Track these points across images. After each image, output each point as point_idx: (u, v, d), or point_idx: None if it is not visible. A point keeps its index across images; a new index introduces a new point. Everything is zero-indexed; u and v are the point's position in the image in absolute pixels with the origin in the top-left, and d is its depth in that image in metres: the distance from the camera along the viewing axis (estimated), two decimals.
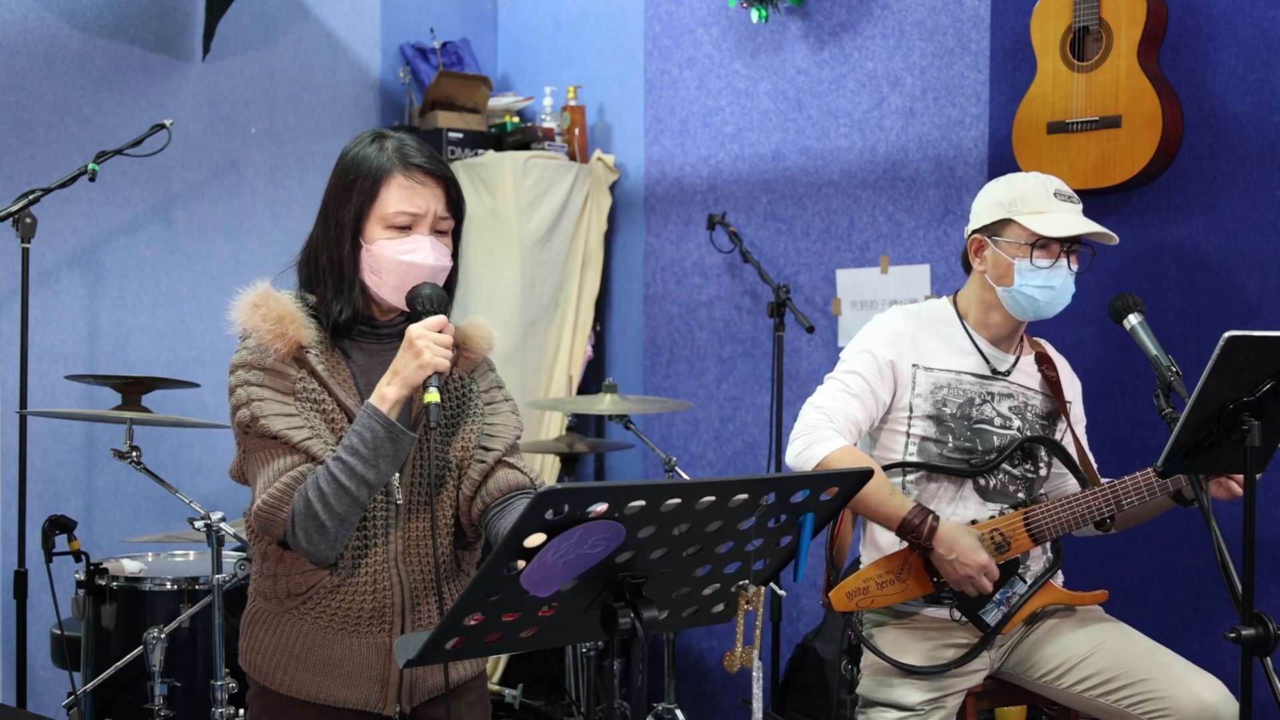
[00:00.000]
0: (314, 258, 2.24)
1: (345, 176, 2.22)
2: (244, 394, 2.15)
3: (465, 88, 4.86)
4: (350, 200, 2.19)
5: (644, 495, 1.70)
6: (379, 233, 2.18)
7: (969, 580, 2.79)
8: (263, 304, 2.19)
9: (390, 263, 2.17)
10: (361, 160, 2.21)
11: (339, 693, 2.20)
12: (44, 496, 4.03)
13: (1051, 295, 2.87)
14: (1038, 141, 3.61)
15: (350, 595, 2.19)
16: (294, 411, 2.15)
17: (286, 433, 2.12)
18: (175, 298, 4.36)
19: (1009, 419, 2.95)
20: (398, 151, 2.20)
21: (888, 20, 4.15)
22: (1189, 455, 2.22)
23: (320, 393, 2.18)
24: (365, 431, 2.09)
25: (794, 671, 4.06)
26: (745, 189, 4.50)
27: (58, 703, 3.66)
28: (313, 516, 2.08)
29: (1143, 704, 2.74)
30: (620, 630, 1.79)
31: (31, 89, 4.07)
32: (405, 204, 2.18)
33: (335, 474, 2.08)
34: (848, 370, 2.91)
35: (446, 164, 2.26)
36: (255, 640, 2.25)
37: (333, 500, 2.07)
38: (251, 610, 2.28)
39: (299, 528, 2.09)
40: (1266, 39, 3.41)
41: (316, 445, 2.13)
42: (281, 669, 2.22)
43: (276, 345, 2.15)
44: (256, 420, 2.13)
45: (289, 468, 2.13)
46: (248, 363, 2.17)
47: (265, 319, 2.16)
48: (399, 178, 2.18)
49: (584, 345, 4.80)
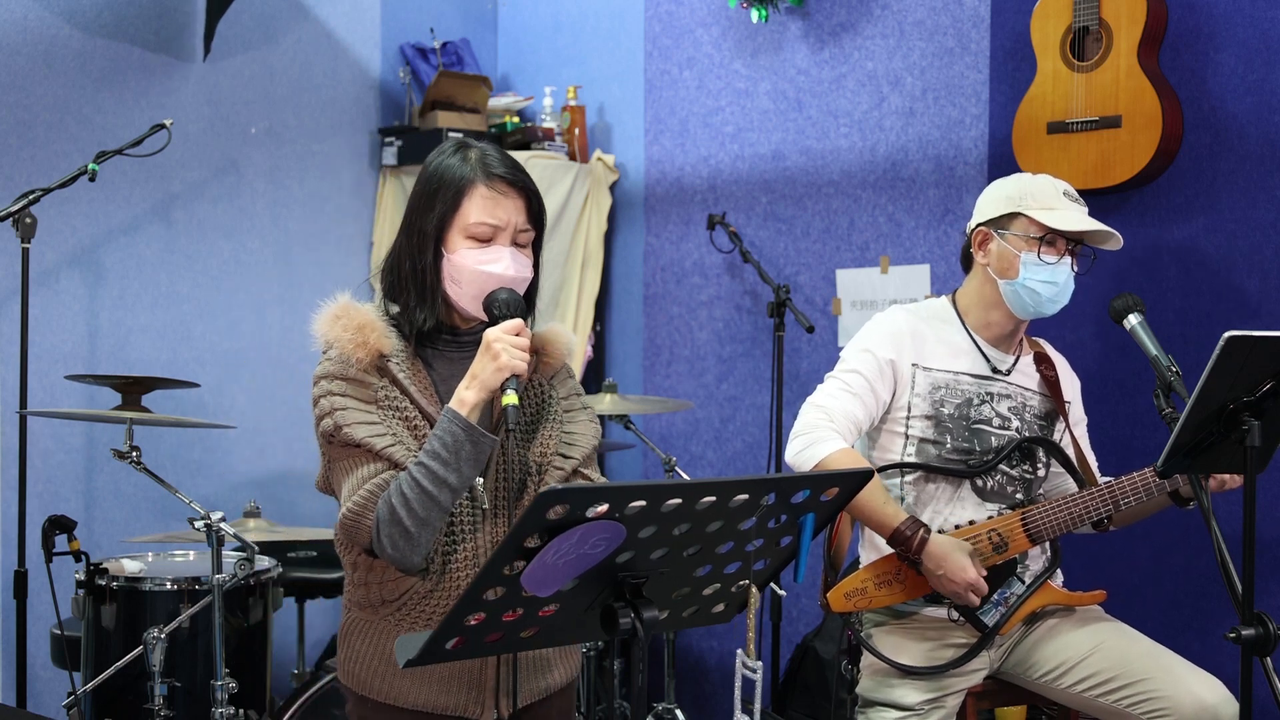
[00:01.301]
0: (397, 266, 2.25)
1: (428, 186, 2.23)
2: (327, 404, 2.16)
3: (465, 88, 4.86)
4: (433, 210, 2.20)
5: (644, 495, 1.70)
6: (460, 243, 2.20)
7: (955, 595, 2.80)
8: (343, 315, 2.20)
9: (471, 273, 2.19)
10: (445, 170, 2.22)
11: (437, 698, 2.20)
12: (44, 496, 4.03)
13: (1054, 291, 2.88)
14: (1038, 141, 3.61)
15: (443, 599, 2.19)
16: (377, 419, 2.15)
17: (370, 440, 2.13)
18: (175, 298, 4.36)
19: (1007, 419, 2.95)
20: (480, 162, 2.22)
21: (888, 20, 4.15)
22: (1189, 455, 2.22)
23: (402, 400, 2.19)
24: (445, 435, 2.10)
25: (794, 671, 4.06)
26: (745, 189, 4.50)
27: (58, 703, 3.66)
28: (397, 522, 2.09)
29: (1142, 704, 2.74)
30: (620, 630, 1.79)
31: (31, 89, 4.07)
32: (487, 215, 2.19)
33: (418, 479, 2.09)
34: (848, 369, 2.92)
35: (529, 176, 2.27)
36: (353, 650, 2.25)
37: (416, 505, 2.08)
38: (347, 621, 2.28)
39: (384, 534, 2.10)
40: (1266, 39, 3.41)
41: (399, 452, 2.14)
42: (380, 677, 2.22)
43: (358, 355, 2.16)
44: (340, 429, 2.13)
45: (372, 475, 2.13)
46: (330, 373, 2.18)
47: (346, 329, 2.18)
48: (481, 188, 2.20)
49: (584, 345, 4.80)
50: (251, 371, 4.45)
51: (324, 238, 4.65)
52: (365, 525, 2.11)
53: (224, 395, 4.38)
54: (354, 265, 4.74)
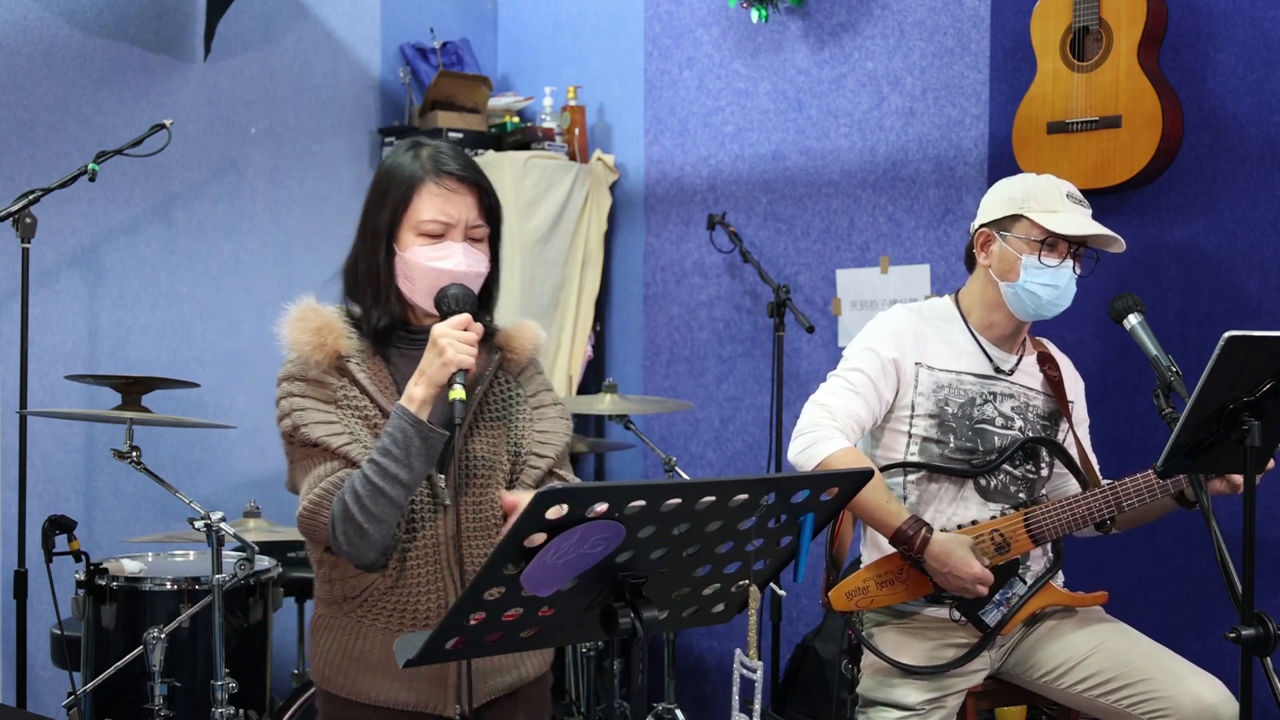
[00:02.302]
0: (354, 266, 2.28)
1: (380, 185, 2.25)
2: (287, 405, 2.20)
3: (465, 88, 4.86)
4: (384, 208, 2.22)
5: (644, 495, 1.70)
6: (412, 240, 2.21)
7: (963, 590, 2.80)
8: (305, 317, 2.23)
9: (423, 269, 2.21)
10: (396, 168, 2.23)
11: (399, 694, 2.21)
12: (44, 496, 4.03)
13: (1055, 294, 2.87)
14: (1038, 141, 3.61)
15: (405, 595, 2.20)
16: (334, 419, 2.18)
17: (326, 439, 2.16)
18: (175, 298, 4.36)
19: (1010, 419, 2.95)
20: (431, 159, 2.23)
21: (888, 20, 4.15)
22: (1189, 455, 2.22)
23: (362, 399, 2.21)
24: (396, 432, 2.12)
25: (794, 671, 4.06)
26: (745, 189, 4.50)
27: (58, 703, 3.66)
28: (350, 519, 2.11)
29: (1143, 704, 2.74)
30: (620, 630, 1.79)
31: (31, 89, 4.07)
32: (437, 212, 2.21)
33: (370, 476, 2.11)
34: (851, 368, 2.92)
35: (481, 172, 2.28)
36: (319, 646, 2.27)
37: (369, 502, 2.10)
38: (315, 617, 2.30)
39: (339, 531, 2.12)
40: (1266, 39, 3.41)
41: (355, 450, 2.16)
42: (344, 673, 2.23)
43: (316, 356, 2.19)
44: (298, 429, 2.17)
45: (328, 473, 2.15)
46: (290, 374, 2.22)
47: (306, 331, 2.21)
48: (431, 185, 2.21)
49: (584, 345, 4.80)
50: (251, 371, 4.45)
51: (324, 238, 4.65)
52: (321, 523, 2.13)
53: (224, 395, 4.38)
54: None
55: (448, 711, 2.22)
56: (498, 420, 2.30)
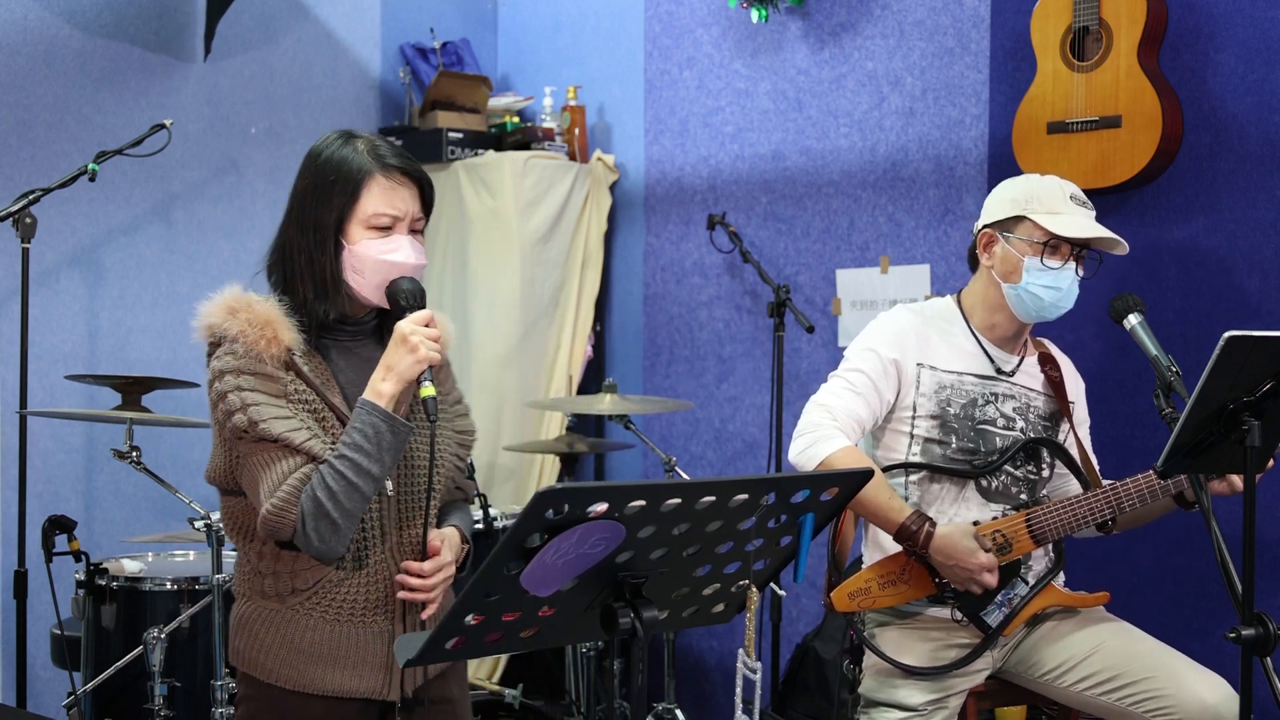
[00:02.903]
0: (289, 259, 2.25)
1: (322, 177, 2.23)
2: (237, 399, 2.15)
3: (465, 88, 4.86)
4: (330, 202, 2.21)
5: (644, 495, 1.70)
6: (361, 234, 2.21)
7: (971, 581, 2.79)
8: (243, 308, 2.19)
9: (374, 262, 2.21)
10: (340, 162, 2.22)
11: (346, 683, 2.22)
12: (44, 496, 4.03)
13: (1057, 296, 2.87)
14: (1038, 141, 3.61)
15: (355, 587, 2.22)
16: (290, 414, 2.16)
17: (288, 435, 2.14)
18: (175, 298, 4.36)
19: (1012, 420, 2.95)
20: (373, 153, 2.23)
21: (888, 20, 4.15)
22: (1189, 455, 2.22)
23: (309, 393, 2.20)
24: (367, 428, 2.13)
25: (794, 672, 4.06)
26: (745, 189, 4.50)
27: (58, 703, 3.66)
28: (323, 515, 2.11)
29: (1144, 703, 2.74)
30: (620, 630, 1.79)
31: (31, 89, 4.07)
32: (386, 206, 2.22)
33: (344, 471, 2.11)
34: (852, 368, 2.91)
35: (419, 164, 2.30)
36: (256, 639, 2.25)
37: (343, 498, 2.11)
38: (248, 611, 2.28)
39: (310, 528, 2.12)
40: (1266, 39, 3.41)
41: (317, 446, 2.15)
42: (289, 665, 2.23)
43: (272, 350, 2.16)
44: (255, 425, 2.13)
45: (292, 470, 2.14)
46: (237, 368, 2.17)
47: (251, 324, 2.17)
48: (380, 179, 2.22)
49: (584, 345, 4.80)
50: None
51: None
52: (289, 521, 2.12)
53: None
54: None
55: (391, 695, 2.24)
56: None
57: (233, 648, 2.30)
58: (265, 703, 2.27)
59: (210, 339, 2.22)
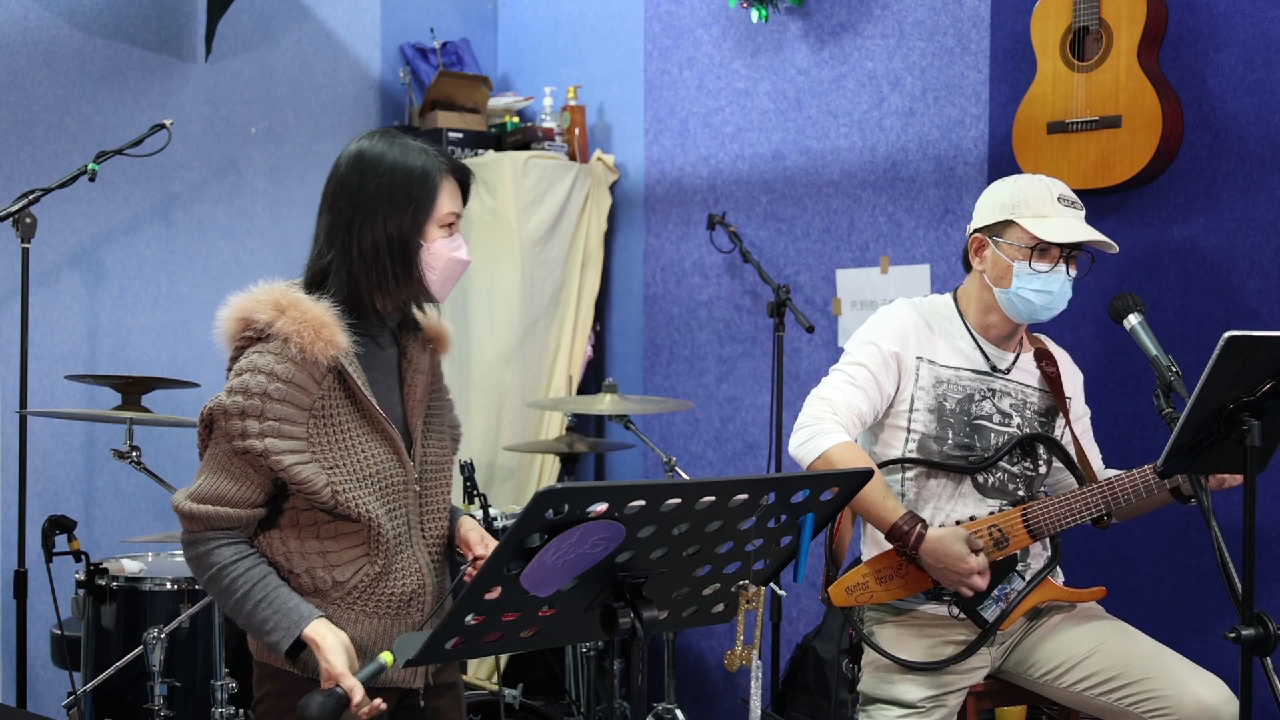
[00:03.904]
0: (356, 261, 2.24)
1: (397, 179, 2.24)
2: (258, 404, 2.14)
3: (465, 88, 4.86)
4: (407, 204, 2.24)
5: (644, 495, 1.70)
6: (436, 233, 2.27)
7: (960, 585, 2.80)
8: (291, 306, 2.18)
9: (446, 260, 2.27)
10: (411, 164, 2.26)
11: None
12: (44, 496, 4.04)
13: (1048, 300, 2.88)
14: (1038, 141, 3.61)
15: (393, 582, 2.26)
16: (304, 445, 2.16)
17: (296, 469, 2.15)
18: (175, 298, 4.36)
19: (1008, 416, 2.95)
20: (433, 153, 2.28)
21: (888, 20, 4.15)
22: (1189, 455, 2.22)
23: (340, 407, 2.20)
24: (284, 619, 2.15)
25: (794, 671, 4.06)
26: (745, 189, 4.50)
27: (58, 703, 3.66)
28: (202, 575, 2.23)
29: (1143, 703, 2.74)
30: (620, 630, 1.79)
31: (31, 89, 4.07)
32: (454, 205, 2.29)
33: (238, 597, 2.17)
34: (852, 362, 2.92)
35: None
36: None
37: (213, 590, 2.23)
38: None
39: (189, 556, 2.23)
40: (1266, 39, 3.41)
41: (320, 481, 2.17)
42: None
43: (329, 352, 2.16)
44: (267, 453, 2.13)
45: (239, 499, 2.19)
46: (273, 370, 2.15)
47: (305, 324, 2.16)
48: (448, 180, 2.28)
49: (584, 345, 4.80)
50: None
51: None
52: (193, 533, 2.21)
53: None
54: None
55: (416, 683, 2.30)
56: (437, 418, 2.40)
57: (259, 645, 2.30)
58: (296, 696, 2.26)
59: (247, 331, 2.22)
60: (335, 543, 2.21)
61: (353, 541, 2.22)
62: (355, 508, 2.18)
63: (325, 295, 2.23)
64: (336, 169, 2.31)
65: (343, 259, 2.25)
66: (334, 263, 2.25)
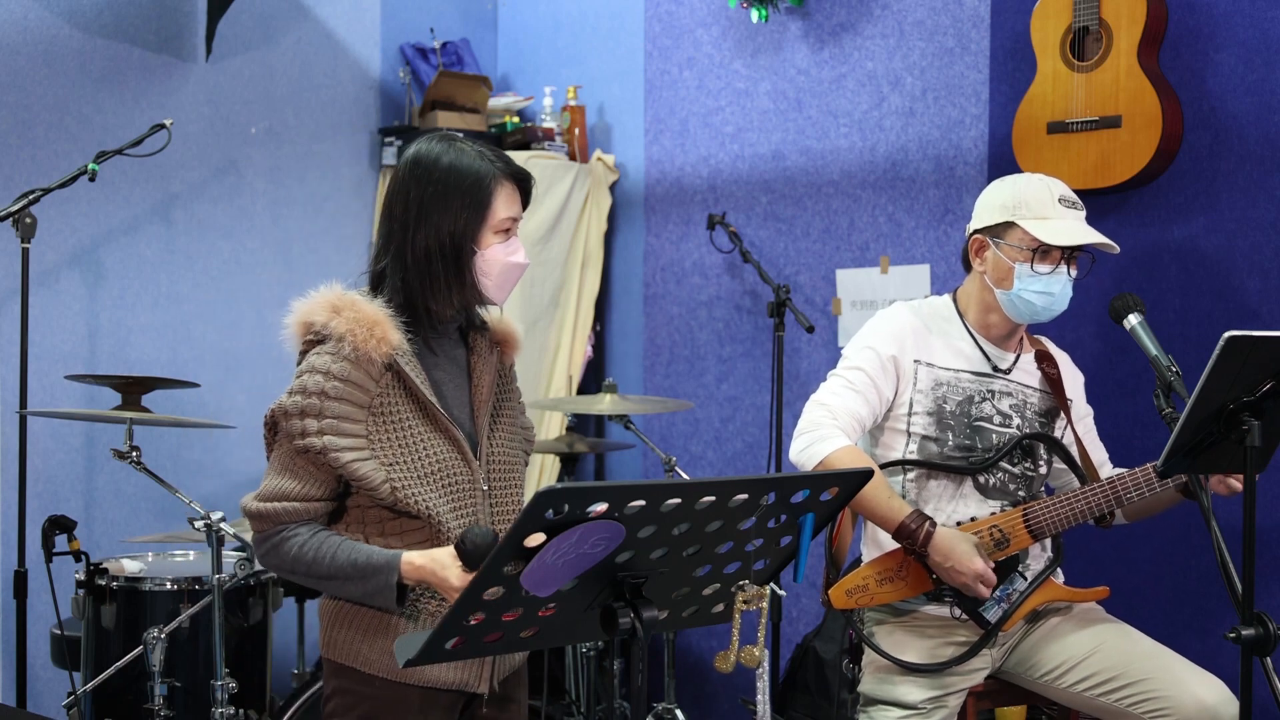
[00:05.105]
0: (411, 266, 2.25)
1: (452, 184, 2.24)
2: (316, 404, 2.16)
3: (465, 88, 4.86)
4: (461, 208, 2.24)
5: (644, 495, 1.70)
6: (491, 238, 2.27)
7: (965, 586, 2.80)
8: (347, 307, 2.20)
9: (502, 265, 2.27)
10: (467, 169, 2.25)
11: (444, 674, 2.26)
12: (44, 496, 4.03)
13: (1050, 301, 2.88)
14: (1038, 141, 3.61)
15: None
16: (363, 442, 2.17)
17: (354, 465, 2.15)
18: (175, 298, 4.36)
19: (1008, 417, 2.95)
20: (489, 157, 2.27)
21: (888, 20, 4.15)
22: (1189, 455, 2.22)
23: (400, 404, 2.20)
24: (369, 568, 2.15)
25: (794, 672, 4.06)
26: (745, 189, 4.50)
27: (58, 703, 3.66)
28: (281, 566, 2.22)
29: (1143, 704, 2.74)
30: (620, 630, 1.79)
31: (31, 89, 4.07)
32: (512, 210, 2.28)
33: (316, 567, 2.18)
34: (851, 366, 2.92)
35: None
36: (354, 631, 2.26)
37: (299, 571, 2.21)
38: (347, 607, 2.29)
39: (261, 553, 2.23)
40: (1266, 39, 3.41)
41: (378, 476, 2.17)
42: (390, 655, 2.24)
43: (382, 349, 2.17)
44: (326, 449, 2.14)
45: (303, 495, 2.19)
46: (329, 370, 2.17)
47: (359, 323, 2.18)
48: (505, 185, 2.27)
49: (584, 345, 4.80)
50: (251, 371, 4.45)
51: (324, 238, 4.65)
52: (261, 531, 2.21)
53: (224, 395, 4.38)
54: (354, 265, 4.72)
55: (481, 688, 2.29)
56: (508, 418, 2.39)
57: (328, 639, 2.30)
58: (364, 693, 2.28)
59: (309, 335, 2.24)
60: (399, 539, 2.21)
61: (416, 539, 2.21)
62: (415, 504, 2.17)
63: (381, 296, 2.26)
64: (396, 173, 2.32)
65: (397, 265, 2.27)
66: (389, 268, 2.28)
